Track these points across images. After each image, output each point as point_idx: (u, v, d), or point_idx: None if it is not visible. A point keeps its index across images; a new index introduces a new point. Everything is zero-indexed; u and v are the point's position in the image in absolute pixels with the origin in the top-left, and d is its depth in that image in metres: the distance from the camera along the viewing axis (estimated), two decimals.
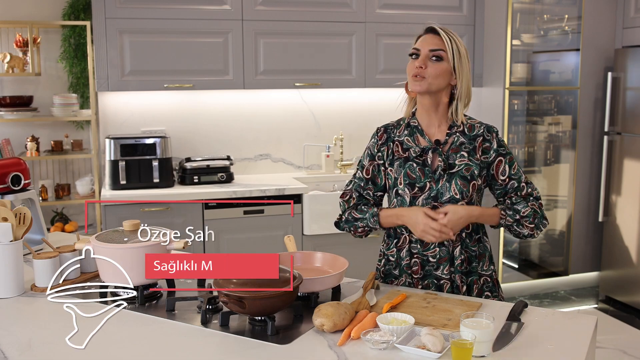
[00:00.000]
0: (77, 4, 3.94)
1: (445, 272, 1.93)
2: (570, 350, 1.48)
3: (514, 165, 1.94)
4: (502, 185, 1.93)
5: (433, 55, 1.89)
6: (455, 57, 1.90)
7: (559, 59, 4.68)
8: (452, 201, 1.89)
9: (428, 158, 1.93)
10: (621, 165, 4.36)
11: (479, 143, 1.92)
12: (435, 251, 1.93)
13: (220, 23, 3.89)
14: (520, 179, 1.93)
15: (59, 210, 4.09)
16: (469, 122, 1.96)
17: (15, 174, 2.29)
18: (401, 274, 1.99)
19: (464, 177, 1.89)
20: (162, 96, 4.13)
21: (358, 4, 4.11)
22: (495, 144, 1.93)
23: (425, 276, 1.96)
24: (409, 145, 1.97)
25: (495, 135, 1.94)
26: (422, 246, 1.94)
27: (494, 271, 2.01)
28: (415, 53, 1.92)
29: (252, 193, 3.79)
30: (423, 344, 1.45)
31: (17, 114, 3.81)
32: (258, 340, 1.54)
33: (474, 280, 1.96)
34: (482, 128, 1.95)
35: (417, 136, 1.97)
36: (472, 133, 1.94)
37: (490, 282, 1.99)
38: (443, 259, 1.92)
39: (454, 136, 1.94)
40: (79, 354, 1.48)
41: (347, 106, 4.50)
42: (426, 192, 1.91)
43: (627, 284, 4.35)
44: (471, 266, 1.95)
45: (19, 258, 1.89)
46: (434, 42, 1.90)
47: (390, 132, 2.04)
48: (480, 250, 1.97)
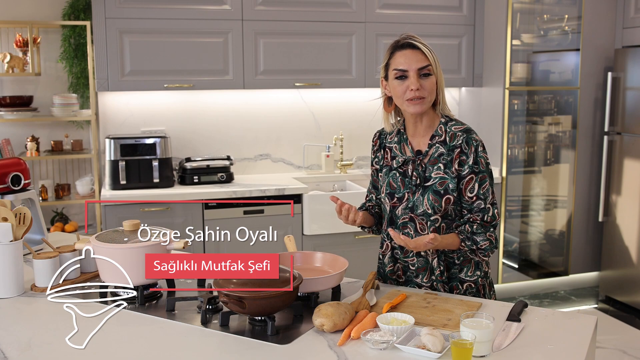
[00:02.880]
0: (77, 4, 3.94)
1: (425, 280, 1.95)
2: (570, 350, 1.48)
3: (485, 185, 1.88)
4: (468, 202, 1.90)
5: (422, 73, 1.85)
6: (438, 68, 1.88)
7: (559, 59, 4.68)
8: (426, 215, 1.89)
9: (408, 169, 1.94)
10: (621, 165, 4.36)
11: (456, 155, 1.88)
12: (414, 260, 1.96)
13: (220, 23, 3.89)
14: (487, 199, 1.88)
15: (59, 210, 4.09)
16: (452, 130, 1.91)
17: (15, 174, 2.29)
18: (385, 280, 2.03)
19: (437, 192, 1.88)
20: (162, 96, 4.13)
21: (358, 4, 4.11)
22: (472, 159, 1.87)
23: (407, 281, 1.99)
24: (396, 153, 1.99)
25: (474, 150, 1.87)
26: (402, 253, 1.98)
27: (481, 277, 1.97)
28: (403, 75, 1.86)
29: (252, 193, 3.79)
30: (423, 344, 1.45)
31: (17, 114, 3.81)
32: (258, 340, 1.54)
33: (454, 286, 1.95)
34: (462, 139, 1.89)
35: (404, 144, 1.98)
36: (451, 143, 1.90)
37: (474, 288, 1.96)
38: (421, 268, 1.95)
39: (434, 147, 1.92)
40: (79, 354, 1.48)
41: (347, 106, 4.50)
42: (404, 202, 1.93)
43: (627, 284, 4.35)
44: (450, 272, 1.95)
45: (19, 258, 1.89)
46: (418, 59, 1.85)
47: (383, 138, 2.06)
48: (463, 256, 1.94)
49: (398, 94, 1.89)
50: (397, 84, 1.88)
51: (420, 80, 1.85)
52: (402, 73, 1.86)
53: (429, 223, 1.90)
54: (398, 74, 1.87)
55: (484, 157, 1.90)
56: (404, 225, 1.94)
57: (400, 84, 1.87)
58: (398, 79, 1.87)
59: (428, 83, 1.86)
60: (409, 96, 1.85)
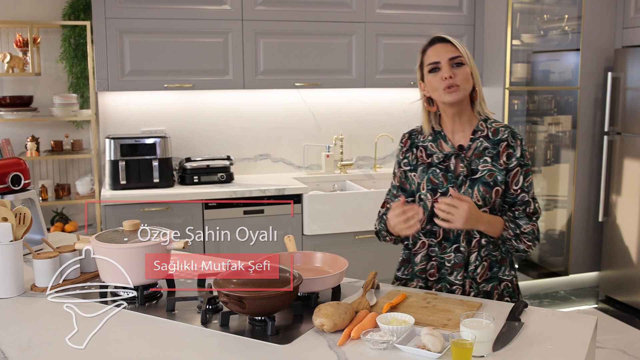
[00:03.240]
0: (77, 4, 3.94)
1: (458, 277, 1.92)
2: (570, 350, 1.48)
3: (528, 178, 1.92)
4: (512, 195, 1.91)
5: (454, 62, 1.87)
6: (472, 61, 1.90)
7: (559, 59, 4.68)
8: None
9: (451, 164, 1.92)
10: (621, 165, 4.36)
11: (503, 148, 1.90)
12: (451, 256, 1.92)
13: (220, 23, 3.89)
14: (530, 192, 1.91)
15: (59, 210, 4.09)
16: (493, 126, 1.94)
17: (15, 174, 2.29)
18: (413, 278, 1.99)
19: (486, 183, 1.88)
20: (162, 96, 4.13)
21: (358, 4, 4.11)
22: (519, 152, 1.91)
23: (440, 279, 1.95)
24: (432, 151, 1.97)
25: (520, 143, 1.92)
26: (440, 249, 1.94)
27: (515, 276, 1.99)
28: (436, 67, 1.89)
29: (252, 193, 3.79)
30: (423, 344, 1.45)
31: (17, 114, 3.81)
32: (258, 340, 1.54)
33: (495, 285, 1.94)
34: (507, 133, 1.93)
35: (441, 142, 1.97)
36: (496, 137, 1.92)
37: (510, 287, 1.97)
38: (458, 264, 1.92)
39: (477, 141, 1.93)
40: (79, 354, 1.48)
41: (347, 106, 4.50)
42: (448, 196, 1.89)
43: (627, 284, 4.35)
44: (492, 272, 1.94)
45: (19, 258, 1.89)
46: (449, 50, 1.88)
47: (414, 138, 2.04)
48: (502, 255, 1.95)
49: (434, 87, 1.90)
50: (432, 77, 1.90)
51: (453, 69, 1.87)
52: (434, 65, 1.89)
53: None
54: (431, 67, 1.90)
55: (527, 152, 1.94)
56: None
57: (434, 76, 1.89)
58: (431, 72, 1.90)
59: (461, 72, 1.87)
60: (444, 85, 1.86)
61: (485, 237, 1.90)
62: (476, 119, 1.96)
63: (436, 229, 1.94)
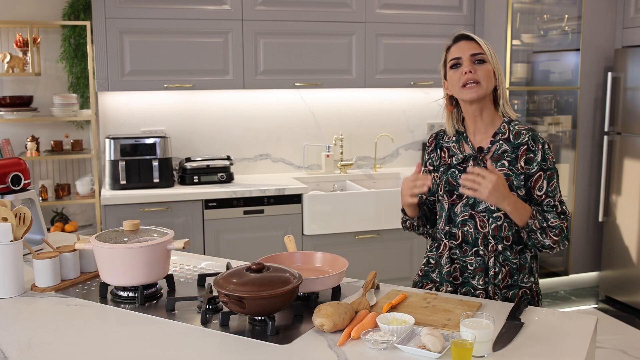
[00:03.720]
0: (77, 4, 3.94)
1: (480, 282, 1.89)
2: (570, 350, 1.48)
3: (553, 182, 1.86)
4: (537, 201, 1.87)
5: (476, 59, 1.86)
6: (495, 59, 1.89)
7: (559, 59, 4.68)
8: (488, 211, 1.87)
9: (469, 166, 1.91)
10: (621, 165, 4.36)
11: (522, 152, 1.87)
12: (472, 259, 1.90)
13: (220, 23, 3.89)
14: (555, 197, 1.86)
15: (59, 210, 4.09)
16: (516, 128, 1.90)
17: (15, 174, 2.29)
18: (442, 282, 1.97)
19: None
20: (162, 96, 4.13)
21: (358, 4, 4.11)
22: (540, 156, 1.85)
23: (464, 283, 1.93)
24: (454, 152, 1.97)
25: (542, 147, 1.86)
26: (461, 252, 1.93)
27: (534, 283, 1.95)
28: (457, 63, 1.88)
29: (252, 193, 3.79)
30: (423, 344, 1.45)
31: (17, 114, 3.81)
32: (258, 340, 1.54)
33: (515, 293, 1.91)
34: (528, 136, 1.88)
35: (463, 143, 1.96)
36: (516, 141, 1.88)
37: (529, 294, 1.93)
38: (479, 269, 1.89)
39: (497, 144, 1.90)
40: (79, 354, 1.48)
41: (347, 106, 4.50)
42: (464, 199, 1.90)
43: (627, 284, 4.35)
44: (512, 279, 1.90)
45: (19, 258, 1.89)
46: (471, 47, 1.87)
47: (439, 139, 2.04)
48: (521, 262, 1.91)
49: (454, 83, 1.89)
50: (453, 73, 1.89)
51: (473, 65, 1.85)
52: (456, 61, 1.88)
53: (490, 220, 1.87)
54: (453, 63, 1.89)
55: (551, 155, 1.89)
56: (463, 223, 1.91)
57: (455, 71, 1.88)
58: (453, 67, 1.89)
59: (482, 69, 1.85)
60: (463, 80, 1.85)
61: (501, 242, 1.88)
62: (499, 120, 1.93)
63: (455, 231, 1.93)
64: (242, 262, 1.93)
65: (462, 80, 1.85)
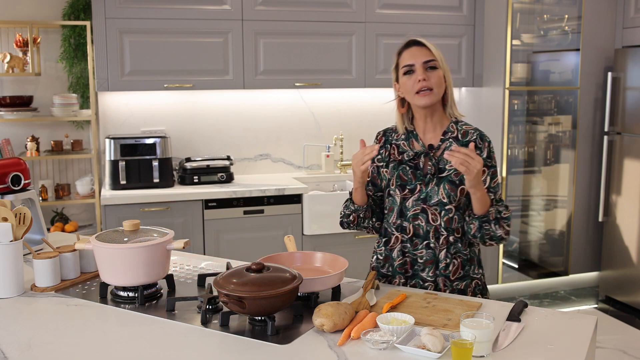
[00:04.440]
0: (77, 4, 3.95)
1: (430, 274, 1.97)
2: (570, 350, 1.48)
3: (495, 179, 1.97)
4: None
5: (428, 66, 1.94)
6: (445, 65, 1.97)
7: (559, 59, 4.68)
8: (440, 205, 1.94)
9: (420, 162, 1.99)
10: (621, 165, 4.36)
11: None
12: (422, 252, 1.97)
13: (220, 23, 3.89)
14: (496, 193, 1.95)
15: (59, 210, 4.09)
16: (463, 128, 2.01)
17: (15, 174, 2.29)
18: (395, 275, 2.03)
19: (452, 182, 1.94)
20: (162, 96, 4.13)
21: (358, 4, 4.11)
22: (485, 154, 1.96)
23: (414, 275, 2.00)
24: (404, 149, 2.04)
25: (487, 145, 1.98)
26: (411, 245, 1.99)
27: (482, 274, 2.06)
28: (410, 69, 1.94)
29: (252, 193, 3.79)
30: (423, 344, 1.45)
31: (17, 114, 3.81)
32: (258, 340, 1.54)
33: (468, 283, 2.00)
34: (476, 135, 1.99)
35: (413, 141, 2.04)
36: (465, 139, 1.98)
37: (480, 285, 2.04)
38: (429, 261, 1.97)
39: (447, 142, 1.99)
40: (79, 354, 1.48)
41: (347, 106, 4.50)
42: (416, 193, 1.97)
43: (627, 284, 4.35)
44: (464, 270, 1.99)
45: (19, 258, 1.89)
46: (423, 54, 1.94)
47: (388, 136, 2.11)
48: (471, 254, 2.01)
49: (408, 89, 1.96)
50: (406, 79, 1.96)
51: (426, 73, 1.93)
52: (409, 68, 1.95)
53: (442, 212, 1.94)
54: (406, 70, 1.96)
55: (494, 154, 2.01)
56: (414, 217, 1.97)
57: (409, 78, 1.95)
58: (406, 74, 1.96)
59: (435, 75, 1.93)
60: (417, 87, 1.92)
61: (452, 234, 1.94)
62: (447, 120, 2.03)
63: (406, 225, 1.99)
64: (242, 262, 1.93)
65: (416, 88, 1.93)
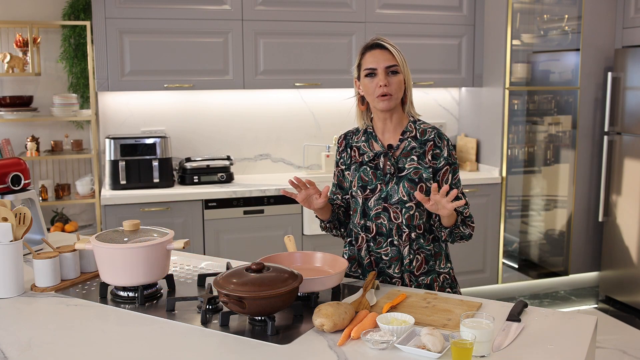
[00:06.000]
0: (77, 4, 3.95)
1: (396, 270, 2.00)
2: (570, 350, 1.48)
3: (457, 175, 2.04)
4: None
5: (390, 70, 1.98)
6: (406, 67, 2.01)
7: (559, 59, 4.68)
8: (401, 203, 1.98)
9: (380, 162, 2.03)
10: (621, 165, 4.36)
11: (429, 147, 2.01)
12: (387, 250, 2.01)
13: (220, 23, 3.89)
14: (459, 188, 2.02)
15: (59, 210, 4.09)
16: (421, 127, 2.05)
17: (15, 174, 2.29)
18: (366, 274, 2.06)
19: (411, 180, 1.98)
20: (162, 96, 4.13)
21: (358, 4, 4.11)
22: (446, 152, 2.01)
23: (380, 273, 2.03)
24: (364, 150, 2.09)
25: (447, 144, 2.03)
26: (375, 244, 2.03)
27: (451, 268, 2.10)
28: (372, 72, 1.98)
29: (252, 193, 3.79)
30: (423, 344, 1.45)
31: (17, 114, 3.81)
32: (258, 340, 1.54)
33: (434, 278, 2.04)
34: (434, 134, 2.03)
35: (372, 142, 2.09)
36: (423, 138, 2.03)
37: (449, 279, 2.08)
38: (394, 258, 2.00)
39: (405, 141, 2.04)
40: (79, 354, 1.48)
41: (347, 106, 4.49)
42: (377, 193, 2.02)
43: (627, 284, 4.35)
44: (429, 265, 2.03)
45: (19, 258, 1.89)
46: (386, 58, 1.98)
47: (349, 139, 2.18)
48: (435, 249, 2.04)
49: (369, 92, 2.01)
50: (368, 82, 2.01)
51: (387, 78, 1.97)
52: (371, 71, 1.99)
53: (403, 210, 1.98)
54: (368, 72, 2.00)
55: (454, 151, 2.07)
56: (377, 216, 2.01)
57: (370, 81, 2.00)
58: (368, 76, 2.01)
59: (395, 80, 1.98)
60: (378, 92, 1.98)
61: (414, 231, 1.99)
62: (406, 119, 2.08)
63: (369, 224, 2.02)
64: (242, 262, 1.93)
65: (377, 93, 1.98)
